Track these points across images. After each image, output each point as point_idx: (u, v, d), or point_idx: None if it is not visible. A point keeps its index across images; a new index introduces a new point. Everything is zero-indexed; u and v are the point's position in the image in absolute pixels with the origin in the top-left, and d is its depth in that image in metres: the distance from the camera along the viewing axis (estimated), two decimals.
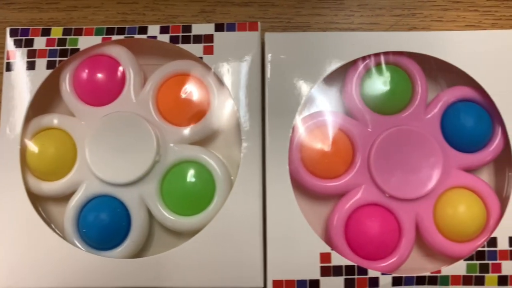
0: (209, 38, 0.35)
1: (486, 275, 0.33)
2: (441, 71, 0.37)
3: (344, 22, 0.40)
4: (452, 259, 0.34)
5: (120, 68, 0.36)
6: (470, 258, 0.33)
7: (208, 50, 0.35)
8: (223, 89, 0.35)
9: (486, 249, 0.33)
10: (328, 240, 0.35)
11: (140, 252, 0.36)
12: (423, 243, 0.35)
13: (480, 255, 0.33)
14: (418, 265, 0.36)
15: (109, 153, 0.35)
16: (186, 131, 0.35)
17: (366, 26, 0.39)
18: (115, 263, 0.33)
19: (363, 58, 0.36)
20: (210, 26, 0.36)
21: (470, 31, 0.36)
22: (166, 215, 0.35)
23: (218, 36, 0.35)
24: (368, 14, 0.40)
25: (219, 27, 0.36)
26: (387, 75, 0.36)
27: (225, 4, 0.40)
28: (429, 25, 0.40)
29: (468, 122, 0.35)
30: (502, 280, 0.33)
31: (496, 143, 0.35)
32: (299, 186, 0.36)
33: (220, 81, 0.35)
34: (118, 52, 0.36)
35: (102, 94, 0.36)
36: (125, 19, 0.39)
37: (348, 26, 0.39)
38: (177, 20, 0.39)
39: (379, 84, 0.36)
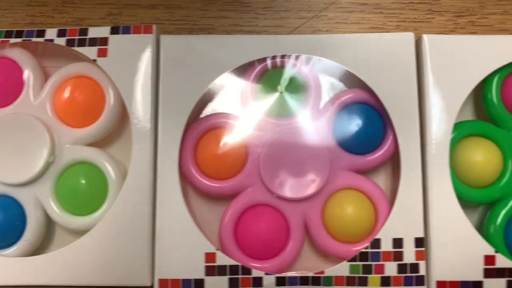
0: (104, 41, 0.36)
1: (369, 276, 0.34)
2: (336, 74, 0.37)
3: (248, 25, 0.40)
4: (341, 259, 0.35)
5: (24, 72, 0.37)
6: (353, 259, 0.34)
7: (102, 53, 0.36)
8: (117, 91, 0.36)
9: (369, 250, 0.34)
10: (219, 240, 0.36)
11: (36, 250, 0.36)
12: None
13: (363, 256, 0.34)
14: (315, 265, 0.37)
15: (5, 153, 0.35)
16: (82, 132, 0.36)
17: (271, 29, 0.40)
18: (7, 262, 0.34)
19: (259, 61, 0.36)
20: (106, 29, 0.36)
21: (358, 34, 0.37)
22: (60, 215, 0.35)
23: (113, 39, 0.36)
24: (273, 16, 0.40)
25: (114, 30, 0.36)
26: (281, 78, 0.36)
27: (132, 7, 0.40)
28: (333, 27, 0.40)
29: (358, 125, 0.35)
30: (385, 281, 0.34)
31: (387, 146, 0.36)
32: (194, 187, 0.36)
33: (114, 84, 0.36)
34: (18, 54, 0.37)
35: (2, 96, 0.37)
36: (33, 21, 0.40)
37: (252, 29, 0.40)
38: (84, 22, 0.40)
39: (273, 86, 0.36)
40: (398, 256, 0.34)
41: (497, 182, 0.35)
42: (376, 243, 0.34)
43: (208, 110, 0.38)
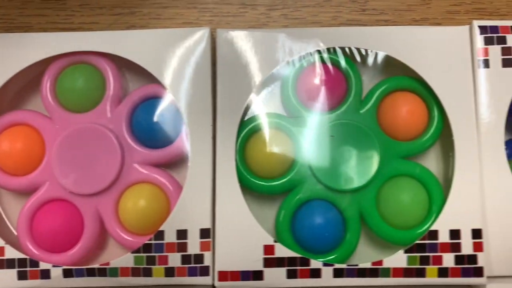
0: None
1: (153, 267, 0.35)
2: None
3: (65, 22, 0.41)
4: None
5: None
6: (138, 250, 0.35)
7: None
8: None
9: (153, 242, 0.35)
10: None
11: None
12: None
13: (147, 247, 0.35)
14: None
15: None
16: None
17: (86, 25, 0.40)
18: None
19: (60, 56, 0.37)
20: None
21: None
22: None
23: None
24: (88, 13, 0.41)
25: None
26: (79, 73, 0.37)
27: None
28: (148, 23, 0.40)
29: (151, 119, 0.36)
30: (169, 272, 0.34)
31: (179, 141, 0.36)
32: None
33: None
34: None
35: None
36: None
37: (69, 26, 0.41)
38: None
39: (71, 82, 0.37)
40: (182, 247, 0.34)
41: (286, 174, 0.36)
42: (160, 235, 0.35)
43: None
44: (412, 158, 0.37)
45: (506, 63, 0.36)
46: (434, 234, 0.34)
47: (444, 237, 0.34)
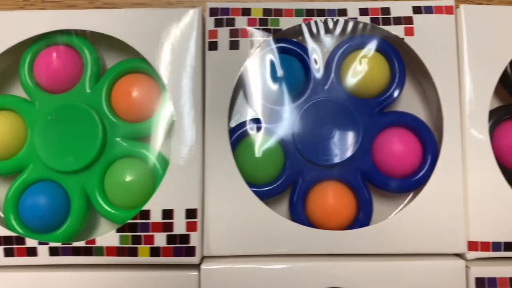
0: None
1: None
2: None
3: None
4: None
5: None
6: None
7: None
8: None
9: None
10: None
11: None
12: None
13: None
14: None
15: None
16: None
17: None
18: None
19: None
20: None
21: None
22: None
23: None
24: None
25: None
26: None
27: None
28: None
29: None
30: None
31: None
32: None
33: None
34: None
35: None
36: None
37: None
38: None
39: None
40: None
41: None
42: (145, 214, 0.35)
43: None
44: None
45: (233, 46, 0.36)
46: (146, 214, 0.34)
47: (156, 217, 0.34)
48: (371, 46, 0.37)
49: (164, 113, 0.36)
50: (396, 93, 0.36)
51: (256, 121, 0.37)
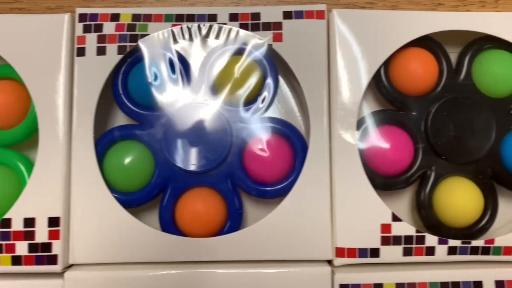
0: None
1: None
2: None
3: None
4: None
5: None
6: None
7: None
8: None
9: None
10: None
11: None
12: None
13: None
14: None
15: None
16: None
17: None
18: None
19: None
20: None
21: None
22: None
23: None
24: None
25: None
26: None
27: None
28: None
29: None
30: None
31: None
32: None
33: None
34: None
35: None
36: None
37: None
38: None
39: None
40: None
41: None
42: (6, 223, 0.34)
43: None
44: None
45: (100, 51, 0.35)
46: (7, 223, 0.34)
47: (17, 226, 0.34)
48: (246, 52, 0.36)
49: (31, 120, 0.36)
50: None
51: (125, 127, 0.36)
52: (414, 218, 0.38)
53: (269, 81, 0.36)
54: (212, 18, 0.36)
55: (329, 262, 0.35)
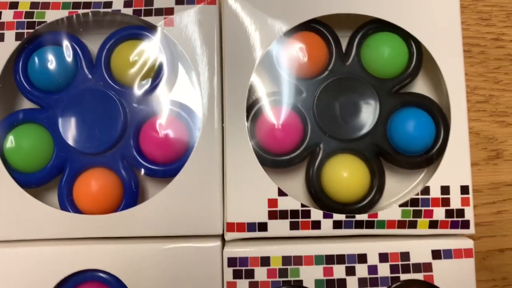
0: None
1: None
2: None
3: None
4: None
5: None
6: None
7: None
8: None
9: None
10: None
11: None
12: None
13: None
14: None
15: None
16: None
17: None
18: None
19: None
20: None
21: None
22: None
23: None
24: None
25: None
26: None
27: None
28: None
29: None
30: None
31: None
32: None
33: None
34: None
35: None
36: None
37: None
38: None
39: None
40: None
41: None
42: None
43: None
44: None
45: None
46: None
47: None
48: (140, 36, 0.38)
49: None
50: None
51: (26, 111, 0.38)
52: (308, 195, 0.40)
53: (163, 64, 0.38)
54: (108, 5, 0.38)
55: (223, 237, 0.37)
